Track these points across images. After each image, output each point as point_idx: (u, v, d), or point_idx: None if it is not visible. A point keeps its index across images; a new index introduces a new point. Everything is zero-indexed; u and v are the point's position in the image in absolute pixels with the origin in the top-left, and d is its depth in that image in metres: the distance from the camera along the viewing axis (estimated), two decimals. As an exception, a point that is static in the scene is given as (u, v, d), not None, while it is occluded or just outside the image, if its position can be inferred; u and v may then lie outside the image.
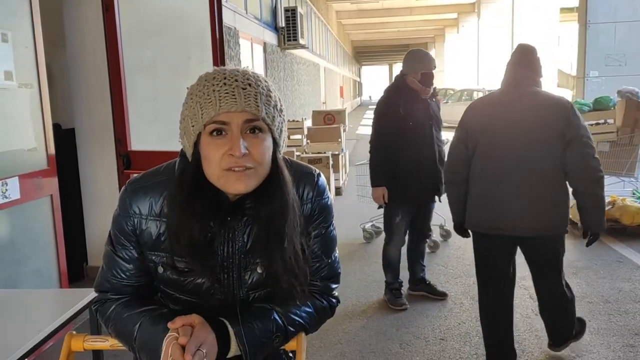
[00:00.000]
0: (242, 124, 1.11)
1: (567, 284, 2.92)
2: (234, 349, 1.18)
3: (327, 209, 1.32)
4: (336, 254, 1.37)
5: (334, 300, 1.37)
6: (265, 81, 1.17)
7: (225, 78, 1.12)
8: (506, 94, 2.81)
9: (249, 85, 1.12)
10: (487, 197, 2.75)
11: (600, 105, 5.98)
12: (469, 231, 2.93)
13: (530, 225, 2.68)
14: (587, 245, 2.81)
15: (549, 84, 15.37)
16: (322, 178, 1.32)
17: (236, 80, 1.12)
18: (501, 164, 2.70)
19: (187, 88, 1.18)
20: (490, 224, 2.75)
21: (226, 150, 1.11)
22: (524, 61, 2.79)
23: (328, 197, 1.32)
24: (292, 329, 1.27)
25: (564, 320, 2.96)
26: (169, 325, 1.14)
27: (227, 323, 1.19)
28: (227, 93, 1.11)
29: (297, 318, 1.28)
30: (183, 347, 1.10)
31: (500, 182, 2.70)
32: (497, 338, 2.90)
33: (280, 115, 1.18)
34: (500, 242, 2.78)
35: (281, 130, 1.19)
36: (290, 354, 1.41)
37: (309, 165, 1.33)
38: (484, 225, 2.78)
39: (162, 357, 1.11)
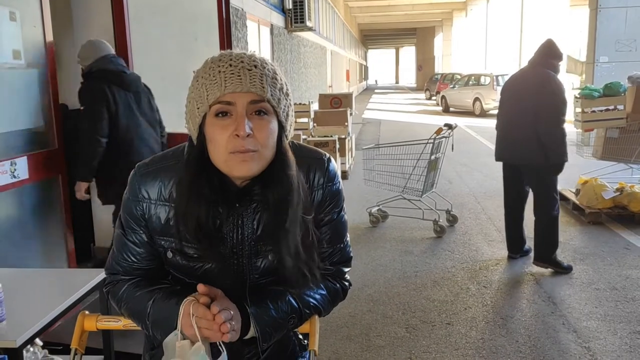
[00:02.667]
0: (247, 105, 1.11)
1: (555, 217, 4.08)
2: (251, 331, 1.18)
3: (338, 194, 1.31)
4: (347, 238, 1.36)
5: (346, 283, 1.37)
6: (272, 64, 1.16)
7: (231, 60, 1.12)
8: (522, 71, 4.26)
9: (255, 66, 1.12)
10: (502, 139, 4.22)
11: (610, 91, 5.91)
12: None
13: (522, 157, 4.05)
14: (553, 175, 4.06)
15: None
16: (333, 163, 1.30)
17: (242, 62, 1.12)
18: (509, 117, 4.12)
19: (194, 72, 1.17)
20: (504, 156, 4.23)
21: (232, 131, 1.10)
22: (542, 49, 4.07)
23: (339, 182, 1.31)
24: (306, 310, 1.27)
25: (547, 240, 4.11)
26: (198, 287, 1.14)
27: (245, 305, 1.19)
28: (232, 74, 1.10)
29: (311, 300, 1.28)
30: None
31: (508, 129, 4.12)
32: (513, 225, 4.36)
33: (286, 99, 1.17)
34: (511, 168, 4.23)
35: (287, 114, 1.18)
36: (301, 336, 1.41)
37: (319, 150, 1.31)
38: (502, 157, 4.26)
39: (179, 317, 1.11)
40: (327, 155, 1.31)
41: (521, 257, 4.42)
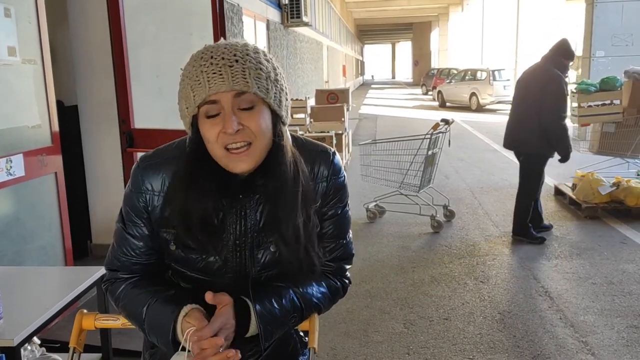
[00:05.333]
0: (232, 100, 1.10)
1: (526, 209, 4.68)
2: (252, 329, 1.18)
3: (343, 188, 1.31)
4: (350, 235, 1.35)
5: (346, 281, 1.37)
6: (255, 52, 1.13)
7: (212, 57, 1.10)
8: (534, 66, 4.68)
9: (236, 61, 1.10)
10: (508, 128, 4.80)
11: (607, 86, 5.90)
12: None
13: (520, 144, 4.66)
14: (562, 162, 4.61)
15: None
16: (338, 157, 1.31)
17: (223, 59, 1.09)
18: (517, 109, 4.67)
19: (181, 69, 1.16)
20: (507, 144, 4.83)
21: (221, 128, 1.10)
22: (556, 48, 4.56)
23: (344, 176, 1.31)
24: (308, 309, 1.26)
25: (518, 218, 4.77)
26: (206, 296, 1.15)
27: (250, 303, 1.18)
28: (214, 73, 1.09)
29: (313, 298, 1.27)
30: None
31: (514, 120, 4.69)
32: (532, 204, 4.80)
33: (275, 86, 1.14)
34: (515, 154, 4.88)
35: (280, 100, 1.16)
36: (302, 334, 1.41)
37: (324, 144, 1.31)
38: (506, 144, 4.86)
39: (182, 343, 1.13)
40: (332, 149, 1.31)
41: (543, 231, 4.87)
